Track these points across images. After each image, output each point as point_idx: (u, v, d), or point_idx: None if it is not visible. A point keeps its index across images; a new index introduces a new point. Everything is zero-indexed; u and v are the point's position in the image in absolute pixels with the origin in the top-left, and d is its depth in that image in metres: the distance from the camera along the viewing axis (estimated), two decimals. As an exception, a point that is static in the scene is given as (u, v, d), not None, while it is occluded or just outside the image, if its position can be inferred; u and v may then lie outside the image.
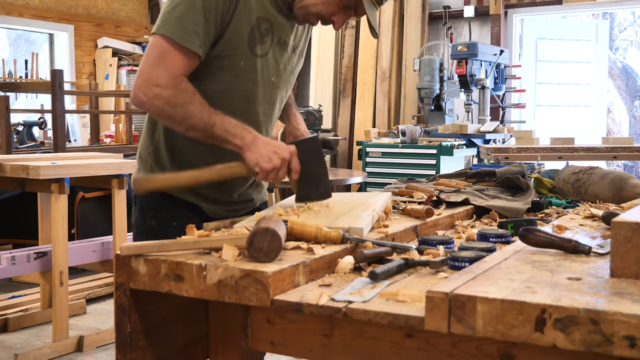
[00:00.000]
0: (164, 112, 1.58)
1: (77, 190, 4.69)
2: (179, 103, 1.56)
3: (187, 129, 1.60)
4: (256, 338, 1.19)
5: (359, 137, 6.71)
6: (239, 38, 1.64)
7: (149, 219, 1.76)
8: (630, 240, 1.03)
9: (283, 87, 1.81)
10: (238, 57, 1.65)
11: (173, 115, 1.58)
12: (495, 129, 5.72)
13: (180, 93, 1.56)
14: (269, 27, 1.69)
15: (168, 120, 1.62)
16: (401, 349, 1.05)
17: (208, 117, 1.57)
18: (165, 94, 1.55)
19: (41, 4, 7.51)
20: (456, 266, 1.20)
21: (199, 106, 1.57)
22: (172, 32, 1.56)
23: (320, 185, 1.68)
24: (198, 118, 1.57)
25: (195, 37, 1.57)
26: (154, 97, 1.55)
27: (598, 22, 7.83)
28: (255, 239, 1.16)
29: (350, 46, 7.15)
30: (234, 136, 1.58)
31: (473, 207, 1.84)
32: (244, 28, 1.64)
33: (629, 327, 0.84)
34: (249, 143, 1.58)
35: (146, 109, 1.60)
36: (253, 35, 1.66)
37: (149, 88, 1.55)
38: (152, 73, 1.56)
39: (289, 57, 1.79)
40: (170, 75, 1.56)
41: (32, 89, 6.45)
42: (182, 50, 1.57)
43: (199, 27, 1.57)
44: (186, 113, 1.56)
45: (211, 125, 1.57)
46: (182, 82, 1.57)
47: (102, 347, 3.54)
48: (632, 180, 1.84)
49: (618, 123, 12.17)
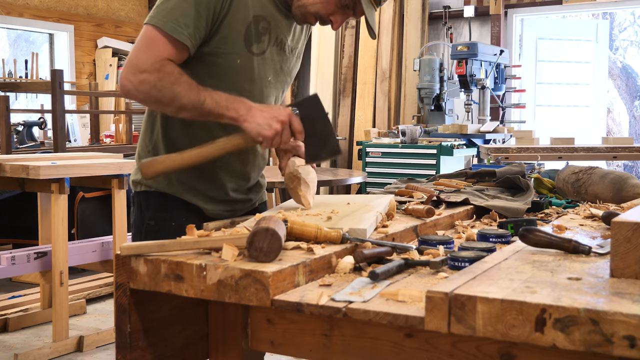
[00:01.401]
0: (151, 96, 1.57)
1: (77, 190, 4.69)
2: (165, 85, 1.55)
3: (177, 110, 1.59)
4: (256, 338, 1.20)
5: (359, 137, 6.71)
6: (235, 35, 1.64)
7: (148, 219, 1.75)
8: (630, 240, 1.03)
9: (279, 87, 1.81)
10: (234, 55, 1.65)
11: (161, 98, 1.57)
12: (495, 129, 5.72)
13: (166, 75, 1.56)
14: (267, 26, 1.69)
15: (157, 104, 1.61)
16: (401, 349, 1.05)
17: (197, 94, 1.56)
18: (151, 78, 1.55)
19: (41, 4, 7.51)
20: (456, 266, 1.20)
21: (186, 85, 1.56)
22: (162, 23, 1.57)
23: (328, 142, 1.65)
24: (186, 97, 1.56)
25: (185, 29, 1.57)
26: (139, 83, 1.56)
27: (598, 22, 7.83)
28: (255, 239, 1.16)
29: (350, 46, 7.15)
30: (227, 109, 1.57)
31: (473, 207, 1.84)
32: (240, 26, 1.64)
33: (629, 327, 0.84)
34: (244, 113, 1.57)
35: (133, 96, 1.59)
36: (250, 34, 1.66)
37: (134, 75, 1.56)
38: (137, 59, 1.56)
39: (286, 58, 1.78)
40: (155, 59, 1.56)
41: (32, 89, 6.45)
42: (170, 40, 1.57)
43: (189, 20, 1.57)
44: (173, 94, 1.56)
45: (201, 102, 1.56)
46: (167, 64, 1.57)
47: (102, 347, 3.54)
48: (632, 180, 1.84)
49: (618, 123, 12.17)
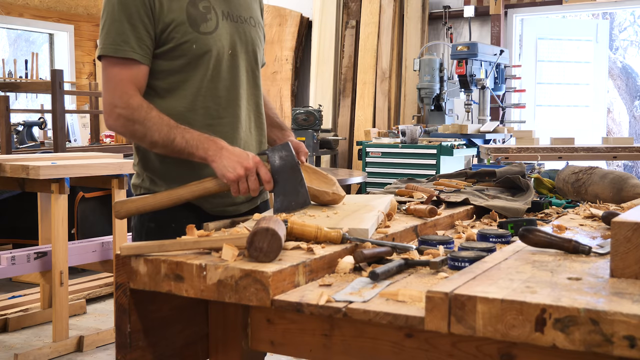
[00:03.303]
0: (127, 129, 1.64)
1: (77, 190, 4.69)
2: (137, 119, 1.61)
3: (150, 145, 1.65)
4: (256, 338, 1.19)
5: (359, 137, 6.71)
6: (179, 25, 1.66)
7: (148, 221, 1.75)
8: (630, 240, 1.03)
9: (246, 57, 1.80)
10: (188, 43, 1.67)
11: (135, 132, 1.63)
12: (495, 129, 5.72)
13: (136, 110, 1.61)
14: (208, 4, 1.71)
15: (133, 138, 1.68)
16: (401, 349, 1.05)
17: (167, 132, 1.60)
18: (124, 112, 1.62)
19: (41, 4, 7.51)
20: (456, 266, 1.20)
21: (157, 120, 1.61)
22: (105, 50, 1.64)
23: (300, 193, 1.58)
24: (157, 133, 1.60)
25: (126, 45, 1.62)
26: (116, 118, 1.63)
27: (598, 22, 7.83)
28: (255, 239, 1.16)
29: (350, 46, 7.15)
30: (197, 148, 1.59)
31: (473, 207, 1.84)
32: (179, 13, 1.66)
33: (629, 327, 0.84)
34: (212, 154, 1.58)
35: (117, 131, 1.67)
36: (192, 16, 1.67)
37: (110, 112, 1.64)
38: (108, 97, 1.64)
39: (242, 28, 1.79)
40: (121, 93, 1.62)
41: (32, 89, 6.45)
42: (120, 62, 1.63)
43: (126, 35, 1.62)
44: (145, 129, 1.61)
45: (171, 140, 1.60)
46: (133, 97, 1.62)
47: (102, 347, 3.54)
48: (632, 180, 1.84)
49: (618, 123, 12.16)
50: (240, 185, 1.57)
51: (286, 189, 1.58)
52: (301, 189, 1.59)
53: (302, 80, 7.65)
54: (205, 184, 1.60)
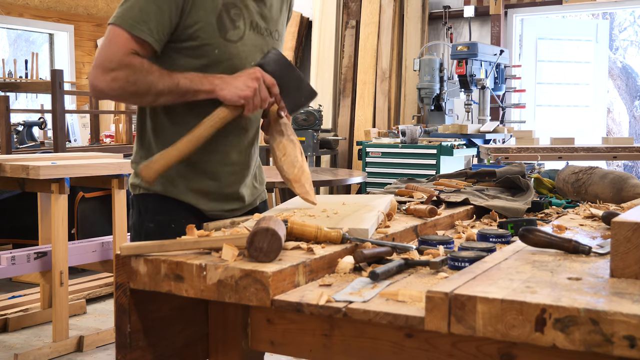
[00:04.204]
0: (126, 91, 1.59)
1: (77, 190, 4.69)
2: (139, 77, 1.57)
3: (155, 97, 1.61)
4: (256, 338, 1.20)
5: (359, 137, 6.71)
6: (207, 26, 1.64)
7: (147, 222, 1.75)
8: (630, 240, 1.03)
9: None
10: (211, 46, 1.66)
11: (136, 90, 1.59)
12: (495, 129, 5.72)
13: (136, 68, 1.58)
14: (239, 12, 1.70)
15: (133, 97, 1.63)
16: (401, 349, 1.05)
17: (170, 78, 1.59)
18: (122, 74, 1.57)
19: (41, 4, 7.51)
20: (456, 266, 1.20)
21: (157, 72, 1.59)
22: (121, 21, 1.58)
23: (302, 87, 1.67)
24: (161, 83, 1.58)
25: (144, 25, 1.58)
26: (111, 81, 1.57)
27: (598, 22, 7.83)
28: (255, 239, 1.16)
29: (350, 46, 7.15)
30: (202, 84, 1.60)
31: (473, 207, 1.84)
32: (210, 16, 1.64)
33: (629, 327, 0.84)
34: (219, 83, 1.60)
35: (106, 95, 1.61)
36: (222, 22, 1.66)
37: (104, 73, 1.57)
38: (104, 58, 1.58)
39: (266, 41, 1.78)
40: (122, 55, 1.57)
41: (32, 89, 6.45)
42: (131, 37, 1.58)
43: (148, 16, 1.58)
44: (147, 83, 1.58)
45: (175, 84, 1.59)
46: (134, 58, 1.58)
47: (102, 347, 3.54)
48: (632, 180, 1.84)
49: (618, 123, 12.17)
50: (254, 99, 1.59)
51: (289, 88, 1.65)
52: (302, 83, 1.68)
53: (302, 80, 7.64)
54: (219, 114, 1.61)
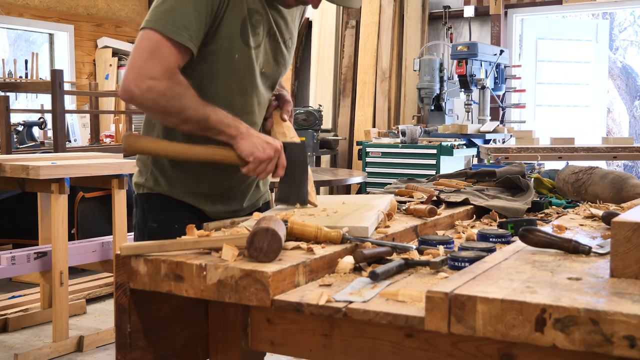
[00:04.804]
0: (158, 105, 1.55)
1: (77, 190, 4.69)
2: (174, 95, 1.54)
3: (182, 122, 1.59)
4: (256, 338, 1.20)
5: (359, 137, 6.71)
6: (232, 31, 1.64)
7: (150, 222, 1.75)
8: (630, 240, 1.03)
9: (273, 77, 1.81)
10: (233, 50, 1.65)
11: (168, 108, 1.56)
12: (495, 129, 5.72)
13: (175, 86, 1.55)
14: (260, 19, 1.69)
15: (162, 114, 1.59)
16: (401, 349, 1.05)
17: (203, 109, 1.58)
18: (160, 86, 1.53)
19: (41, 4, 7.51)
20: (456, 266, 1.20)
21: (193, 99, 1.57)
22: (161, 26, 1.54)
23: (301, 190, 1.67)
24: (193, 110, 1.56)
25: (185, 31, 1.55)
26: (147, 90, 1.53)
27: (598, 22, 7.83)
28: (255, 239, 1.16)
29: (350, 46, 7.15)
30: (228, 126, 1.59)
31: (473, 207, 1.84)
32: (236, 21, 1.64)
33: (629, 327, 0.84)
34: (243, 132, 1.60)
35: (138, 102, 1.56)
36: (245, 28, 1.66)
37: (142, 81, 1.52)
38: (144, 66, 1.53)
39: (280, 48, 1.78)
40: (164, 67, 1.54)
41: (32, 89, 6.45)
42: (173, 44, 1.55)
43: (188, 21, 1.55)
44: (181, 105, 1.55)
45: (206, 117, 1.58)
46: (177, 74, 1.56)
47: (102, 347, 3.54)
48: (632, 180, 1.84)
49: (618, 123, 12.16)
50: (261, 165, 1.60)
51: (293, 182, 1.67)
52: (304, 187, 1.68)
53: (302, 80, 7.65)
54: (224, 151, 1.62)
